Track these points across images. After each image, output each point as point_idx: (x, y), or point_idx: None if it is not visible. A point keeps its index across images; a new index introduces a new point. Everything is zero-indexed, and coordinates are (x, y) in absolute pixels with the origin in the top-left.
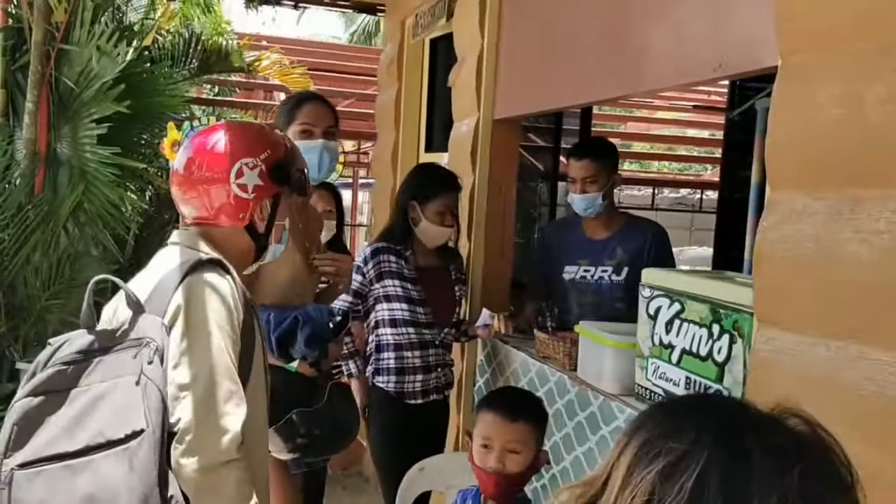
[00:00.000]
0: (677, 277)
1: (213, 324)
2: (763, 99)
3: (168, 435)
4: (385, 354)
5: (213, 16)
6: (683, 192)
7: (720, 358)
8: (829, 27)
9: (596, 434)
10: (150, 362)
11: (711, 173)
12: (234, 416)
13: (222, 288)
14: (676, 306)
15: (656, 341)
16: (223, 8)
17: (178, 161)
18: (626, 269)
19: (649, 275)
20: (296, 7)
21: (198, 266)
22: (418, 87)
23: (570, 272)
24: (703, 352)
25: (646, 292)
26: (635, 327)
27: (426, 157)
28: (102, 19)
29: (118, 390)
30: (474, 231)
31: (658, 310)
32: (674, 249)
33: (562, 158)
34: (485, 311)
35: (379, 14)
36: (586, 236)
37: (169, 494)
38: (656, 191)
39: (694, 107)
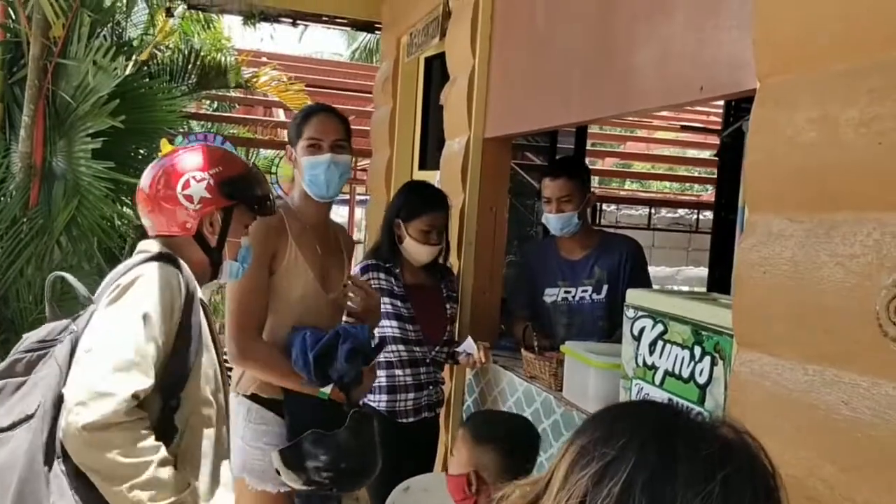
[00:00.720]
0: (661, 298)
1: (142, 303)
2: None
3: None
4: (376, 373)
5: (213, 32)
6: (681, 212)
7: (702, 380)
8: (804, 49)
9: None
10: (62, 341)
11: (710, 193)
12: (127, 382)
13: (165, 276)
14: (660, 327)
15: (640, 362)
16: (223, 24)
17: (143, 180)
18: (605, 287)
19: (633, 295)
20: (294, 24)
21: (149, 259)
22: (413, 104)
23: (552, 294)
24: (686, 373)
25: (630, 313)
26: (620, 348)
27: (420, 175)
28: (101, 34)
29: (50, 375)
30: (464, 250)
31: (642, 331)
32: (671, 269)
33: None
34: (469, 340)
35: (377, 32)
36: (563, 257)
37: (63, 469)
38: (653, 210)
39: (682, 127)
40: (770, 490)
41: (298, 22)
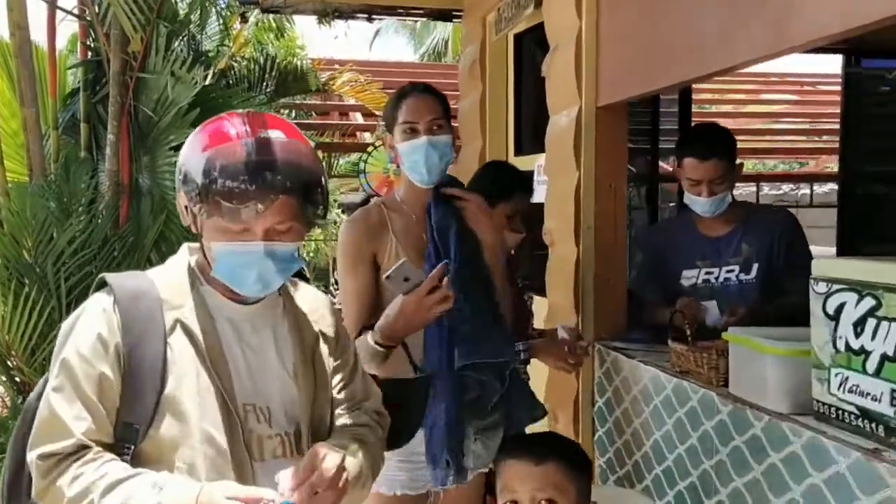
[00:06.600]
0: (868, 266)
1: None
2: None
3: None
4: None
5: (286, 40)
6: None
7: None
8: None
9: (762, 462)
10: None
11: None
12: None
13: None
14: (869, 301)
15: (841, 346)
16: (296, 32)
17: None
18: (755, 266)
19: (823, 265)
20: (370, 20)
21: None
22: (503, 87)
23: (690, 277)
24: None
25: (820, 287)
26: (801, 331)
27: (517, 161)
28: (177, 47)
29: None
30: (583, 234)
31: (841, 307)
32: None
33: (661, 163)
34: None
35: (455, 20)
36: (702, 233)
37: None
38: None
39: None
40: None
41: (374, 17)
